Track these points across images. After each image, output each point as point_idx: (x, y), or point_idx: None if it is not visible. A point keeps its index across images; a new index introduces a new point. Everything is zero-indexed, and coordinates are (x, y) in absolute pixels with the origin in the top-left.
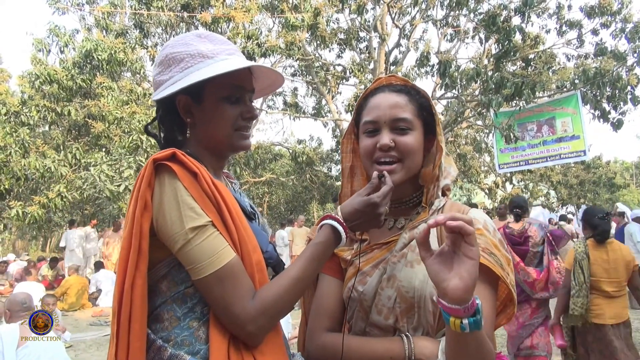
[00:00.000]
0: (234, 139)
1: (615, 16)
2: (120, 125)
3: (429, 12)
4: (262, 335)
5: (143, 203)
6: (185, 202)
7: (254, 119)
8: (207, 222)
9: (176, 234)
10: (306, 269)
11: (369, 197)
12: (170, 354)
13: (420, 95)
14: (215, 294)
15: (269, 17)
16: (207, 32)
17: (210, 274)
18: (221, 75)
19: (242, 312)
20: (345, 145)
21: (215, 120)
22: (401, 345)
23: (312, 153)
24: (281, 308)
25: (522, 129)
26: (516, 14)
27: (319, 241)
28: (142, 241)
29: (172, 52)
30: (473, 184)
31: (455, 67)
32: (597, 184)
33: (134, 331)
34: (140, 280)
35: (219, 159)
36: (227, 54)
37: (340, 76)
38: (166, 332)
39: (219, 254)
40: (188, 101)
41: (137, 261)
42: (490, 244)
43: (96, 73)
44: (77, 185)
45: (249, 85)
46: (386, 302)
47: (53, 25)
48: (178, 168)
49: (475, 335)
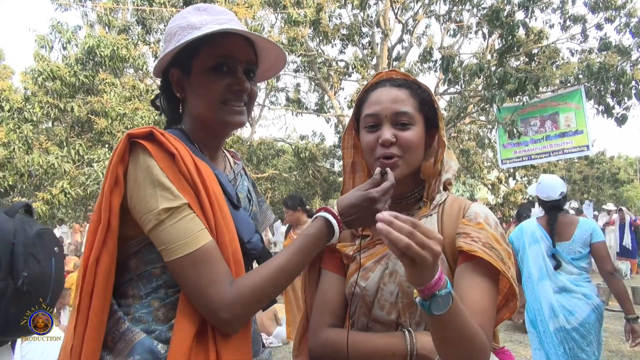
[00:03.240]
0: (221, 113)
1: (620, 10)
2: (123, 121)
3: (432, 7)
4: (237, 324)
5: (114, 178)
6: (161, 182)
7: (244, 92)
8: (183, 203)
9: (149, 213)
10: (292, 259)
11: (367, 192)
12: (127, 327)
13: (421, 90)
14: (190, 277)
15: (272, 12)
16: (208, 5)
17: (183, 255)
18: (208, 44)
19: (217, 297)
20: (346, 141)
21: (201, 92)
22: (403, 341)
23: (315, 149)
24: (260, 297)
25: (525, 124)
26: (520, 8)
27: (310, 232)
28: (112, 217)
29: (169, 27)
30: (476, 179)
31: (458, 63)
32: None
33: (94, 308)
34: (106, 257)
35: (213, 137)
36: (217, 24)
37: (342, 72)
38: (128, 307)
39: (194, 236)
40: (179, 75)
41: (105, 237)
42: (491, 238)
43: (99, 69)
44: (81, 182)
45: (240, 55)
46: (388, 298)
47: (56, 21)
48: (154, 148)
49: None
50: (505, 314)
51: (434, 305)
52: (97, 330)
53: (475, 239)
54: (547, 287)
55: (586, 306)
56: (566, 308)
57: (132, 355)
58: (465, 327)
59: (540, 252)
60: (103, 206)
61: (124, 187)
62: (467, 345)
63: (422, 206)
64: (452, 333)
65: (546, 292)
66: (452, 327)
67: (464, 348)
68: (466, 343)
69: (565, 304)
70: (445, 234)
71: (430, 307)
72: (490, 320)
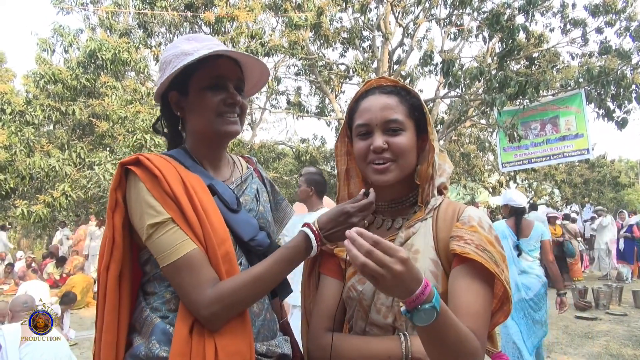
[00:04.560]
0: (217, 124)
1: (620, 14)
2: (124, 124)
3: (433, 10)
4: (217, 322)
5: (113, 201)
6: (146, 201)
7: (236, 105)
8: (166, 219)
9: (140, 229)
10: (270, 269)
11: (342, 206)
12: (147, 314)
13: (410, 96)
14: (175, 281)
15: (273, 16)
16: (195, 34)
17: (168, 264)
18: (201, 68)
19: (197, 298)
20: (339, 148)
21: (199, 108)
22: (398, 344)
23: (316, 152)
24: (237, 300)
25: (525, 128)
26: (520, 12)
27: (290, 245)
28: (115, 233)
29: (164, 56)
30: (477, 182)
31: (459, 66)
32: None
33: (108, 307)
34: (114, 265)
35: (213, 148)
36: (207, 49)
37: (343, 75)
38: (149, 299)
39: (176, 247)
40: (177, 96)
41: (112, 249)
42: (484, 240)
43: (100, 72)
44: (82, 184)
45: (230, 74)
46: (385, 302)
47: (57, 25)
48: (140, 171)
49: (434, 330)
50: (500, 317)
51: (417, 318)
52: (112, 325)
53: (468, 241)
54: (513, 270)
55: (538, 283)
56: (525, 285)
57: (152, 335)
58: (454, 335)
59: (507, 245)
60: (107, 225)
61: (125, 207)
62: (456, 352)
63: (417, 210)
64: (440, 341)
65: (512, 274)
66: (439, 336)
67: (453, 354)
68: (455, 350)
69: (524, 282)
70: (439, 238)
71: (412, 318)
72: (484, 323)
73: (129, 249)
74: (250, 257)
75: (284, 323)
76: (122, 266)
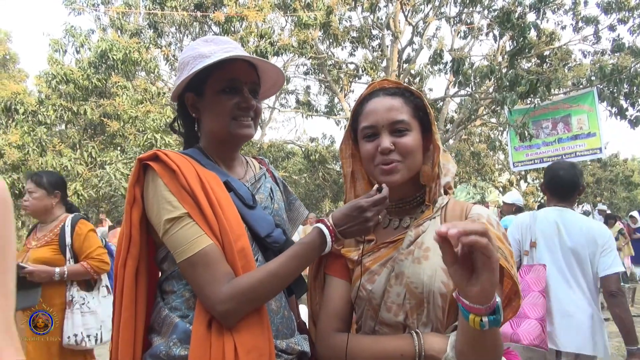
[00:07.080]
0: (232, 127)
1: (633, 12)
2: (134, 124)
3: (442, 9)
4: (232, 318)
5: (131, 197)
6: (164, 196)
7: (250, 109)
8: (183, 213)
9: (158, 224)
10: (285, 265)
11: (356, 201)
12: (166, 314)
13: (414, 96)
14: (191, 277)
15: (282, 15)
16: (214, 37)
17: (184, 259)
18: (217, 71)
19: (212, 294)
20: (344, 151)
21: (214, 111)
22: (411, 342)
23: (325, 151)
24: (252, 297)
25: (536, 127)
26: (531, 10)
27: (305, 242)
28: (133, 229)
29: (182, 57)
30: (487, 182)
31: (469, 65)
32: (614, 182)
33: (125, 304)
34: (130, 262)
35: (227, 149)
36: (224, 52)
37: (352, 74)
38: (167, 299)
39: (191, 242)
40: (193, 98)
41: (129, 246)
42: (494, 237)
43: (111, 73)
44: (93, 184)
45: (245, 78)
46: (395, 299)
47: (69, 25)
48: (158, 167)
49: (492, 332)
50: (508, 313)
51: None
52: (130, 322)
53: None
54: None
55: None
56: None
57: (172, 335)
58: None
59: None
60: (125, 221)
61: (142, 204)
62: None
63: (424, 209)
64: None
65: None
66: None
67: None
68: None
69: None
70: None
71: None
72: None
73: (146, 246)
74: (267, 254)
75: (300, 323)
76: (139, 263)
